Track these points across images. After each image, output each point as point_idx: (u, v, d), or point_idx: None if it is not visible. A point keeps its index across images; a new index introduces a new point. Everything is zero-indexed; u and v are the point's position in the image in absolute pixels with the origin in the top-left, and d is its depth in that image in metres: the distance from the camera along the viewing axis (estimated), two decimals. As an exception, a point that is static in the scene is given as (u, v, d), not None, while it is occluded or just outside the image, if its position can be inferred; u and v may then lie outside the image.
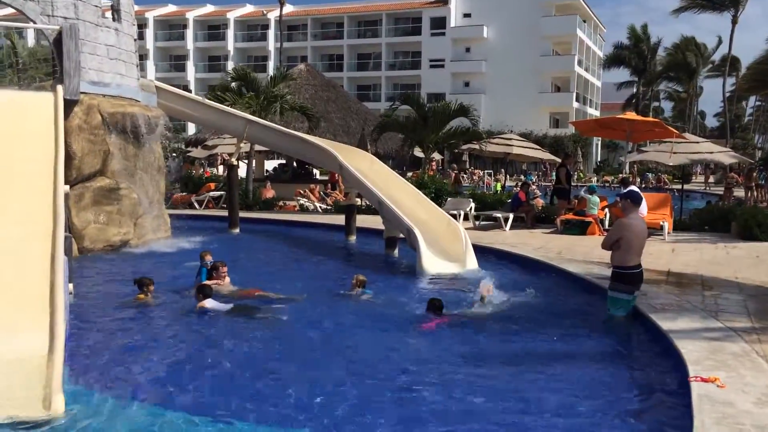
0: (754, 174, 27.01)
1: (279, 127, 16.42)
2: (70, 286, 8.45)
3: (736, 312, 7.81)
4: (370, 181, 13.42)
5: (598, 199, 15.74)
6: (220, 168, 34.70)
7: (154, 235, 13.88)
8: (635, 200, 7.77)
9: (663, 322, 7.25)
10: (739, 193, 26.41)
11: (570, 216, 16.19)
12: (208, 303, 8.44)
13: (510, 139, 25.92)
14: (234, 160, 16.62)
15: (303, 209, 21.38)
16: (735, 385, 5.29)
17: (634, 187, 15.57)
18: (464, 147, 24.60)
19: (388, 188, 13.48)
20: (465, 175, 43.88)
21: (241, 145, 16.83)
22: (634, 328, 7.60)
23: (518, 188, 19.51)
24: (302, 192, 23.64)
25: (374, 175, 13.96)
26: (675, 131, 18.86)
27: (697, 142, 20.54)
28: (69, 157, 11.90)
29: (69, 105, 11.25)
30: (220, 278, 9.69)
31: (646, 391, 5.73)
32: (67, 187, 9.72)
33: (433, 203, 13.30)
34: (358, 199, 17.45)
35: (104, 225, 12.51)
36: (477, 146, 22.94)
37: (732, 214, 15.87)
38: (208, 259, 9.86)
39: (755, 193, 25.24)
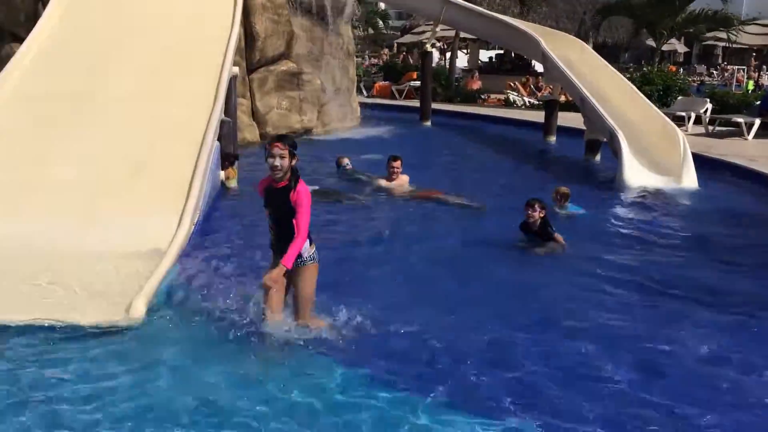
0: None
1: (478, 8, 14.68)
2: (223, 173, 8.15)
3: None
4: (575, 73, 11.42)
5: None
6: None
7: (340, 123, 13.42)
8: None
9: None
10: None
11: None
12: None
13: (773, 26, 21.23)
14: (429, 46, 15.35)
15: (508, 104, 19.64)
16: None
17: None
18: (708, 35, 20.51)
19: (597, 82, 11.38)
20: (715, 72, 37.81)
21: (437, 29, 15.42)
22: None
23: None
24: (512, 84, 21.77)
25: (582, 67, 11.88)
26: None
27: None
28: (252, 39, 11.63)
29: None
30: (394, 175, 8.79)
31: None
32: (236, 69, 9.34)
33: (649, 102, 10.95)
34: (563, 96, 15.38)
35: (287, 111, 12.21)
36: (725, 35, 18.91)
37: None
38: (345, 162, 9.20)
39: None
